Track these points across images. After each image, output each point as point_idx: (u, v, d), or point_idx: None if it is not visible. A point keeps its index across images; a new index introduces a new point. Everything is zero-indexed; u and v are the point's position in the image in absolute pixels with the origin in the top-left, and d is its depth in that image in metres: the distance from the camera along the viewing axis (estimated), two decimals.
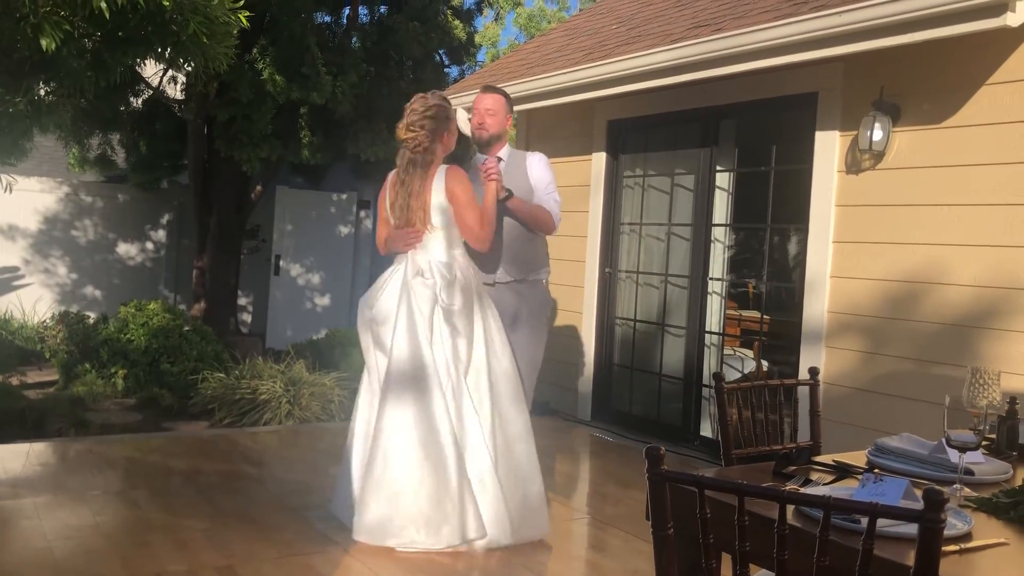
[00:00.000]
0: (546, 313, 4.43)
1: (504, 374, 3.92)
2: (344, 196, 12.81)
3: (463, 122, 7.37)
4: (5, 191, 6.05)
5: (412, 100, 3.98)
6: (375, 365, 3.94)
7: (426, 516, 3.67)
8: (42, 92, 5.14)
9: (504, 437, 3.87)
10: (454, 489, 3.67)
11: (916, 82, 4.65)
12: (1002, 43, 4.23)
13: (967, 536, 1.82)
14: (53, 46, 3.75)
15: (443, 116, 3.96)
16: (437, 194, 3.88)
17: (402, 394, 3.75)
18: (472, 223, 3.87)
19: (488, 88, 4.43)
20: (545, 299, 4.43)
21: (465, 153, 5.77)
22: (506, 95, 4.40)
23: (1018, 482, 2.20)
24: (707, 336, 6.07)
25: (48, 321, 10.33)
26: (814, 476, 2.28)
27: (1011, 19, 3.77)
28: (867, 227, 4.87)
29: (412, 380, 3.74)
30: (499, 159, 4.26)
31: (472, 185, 3.94)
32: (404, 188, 3.93)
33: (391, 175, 4.05)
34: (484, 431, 3.80)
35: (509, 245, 4.27)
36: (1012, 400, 2.64)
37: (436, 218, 3.89)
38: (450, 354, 3.79)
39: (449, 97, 6.54)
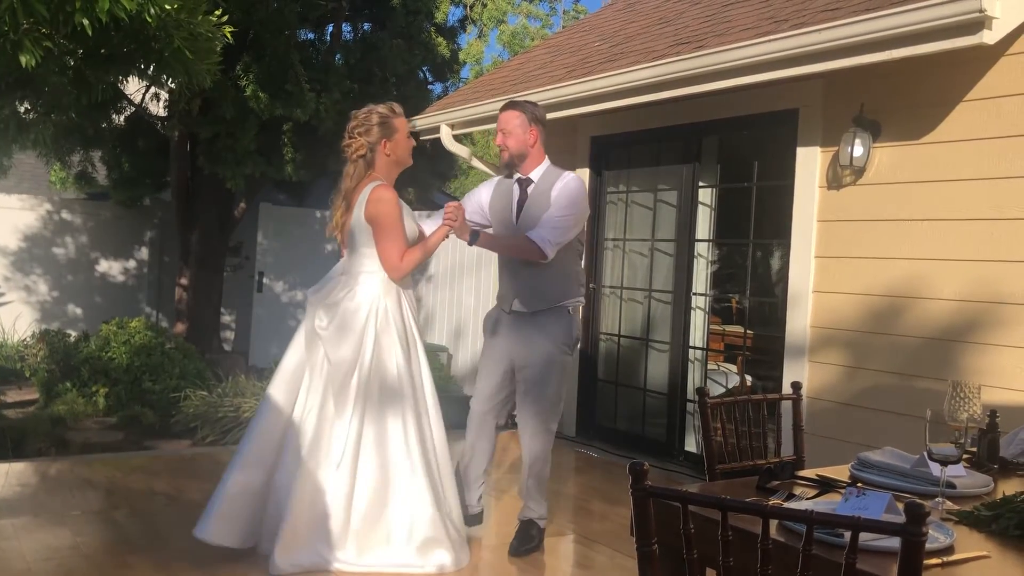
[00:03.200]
0: (560, 347, 4.06)
1: (389, 398, 3.75)
2: (328, 213, 12.78)
3: (447, 138, 7.39)
4: None
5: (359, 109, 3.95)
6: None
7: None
8: (22, 109, 5.12)
9: (375, 459, 3.74)
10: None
11: (896, 99, 4.70)
12: (979, 60, 4.28)
13: (949, 549, 1.82)
14: (33, 63, 3.73)
15: (379, 123, 3.85)
16: (358, 209, 3.80)
17: (269, 401, 3.84)
18: (390, 254, 3.75)
19: (506, 106, 4.16)
20: (558, 333, 4.05)
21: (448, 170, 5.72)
22: (525, 108, 4.10)
23: (999, 495, 2.21)
24: (691, 351, 6.09)
25: (28, 339, 10.23)
26: (797, 490, 2.28)
27: (987, 37, 3.82)
28: (849, 242, 4.90)
29: (281, 386, 3.83)
30: (529, 180, 4.08)
31: (399, 207, 3.81)
32: (337, 196, 3.93)
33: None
34: (345, 449, 3.70)
35: (515, 276, 4.07)
36: (992, 413, 2.65)
37: (353, 233, 3.83)
38: (318, 371, 3.78)
39: (431, 113, 6.48)
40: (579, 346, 4.25)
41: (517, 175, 4.14)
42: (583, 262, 4.25)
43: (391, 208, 3.77)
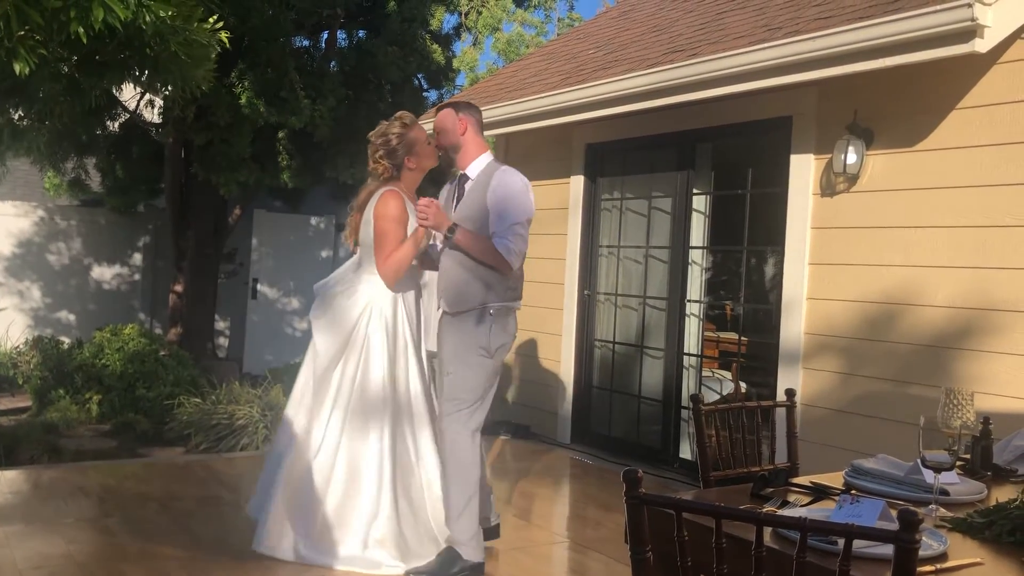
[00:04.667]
0: (475, 348, 3.86)
1: (367, 399, 3.83)
2: (322, 219, 12.78)
3: None
4: None
5: (373, 132, 4.03)
6: None
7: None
8: (16, 116, 5.10)
9: (346, 456, 3.85)
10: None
11: (889, 106, 4.72)
12: (972, 69, 4.30)
13: (942, 556, 1.83)
14: (27, 70, 3.72)
15: (398, 144, 3.96)
16: (368, 212, 3.92)
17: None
18: (380, 252, 3.83)
19: (438, 108, 4.17)
20: (474, 335, 3.86)
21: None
22: (456, 104, 4.06)
23: (992, 502, 2.22)
24: (685, 358, 6.09)
25: (21, 346, 10.21)
26: (791, 497, 2.28)
27: (979, 45, 3.84)
28: (842, 249, 4.92)
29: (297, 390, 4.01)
30: (466, 177, 4.00)
31: (406, 209, 3.87)
32: (355, 203, 4.05)
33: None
34: (326, 444, 3.85)
35: (443, 277, 3.98)
36: (986, 420, 2.66)
37: (362, 237, 3.93)
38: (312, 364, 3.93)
39: (426, 119, 6.46)
40: (506, 352, 4.00)
41: (460, 172, 4.11)
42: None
43: (387, 213, 3.84)
